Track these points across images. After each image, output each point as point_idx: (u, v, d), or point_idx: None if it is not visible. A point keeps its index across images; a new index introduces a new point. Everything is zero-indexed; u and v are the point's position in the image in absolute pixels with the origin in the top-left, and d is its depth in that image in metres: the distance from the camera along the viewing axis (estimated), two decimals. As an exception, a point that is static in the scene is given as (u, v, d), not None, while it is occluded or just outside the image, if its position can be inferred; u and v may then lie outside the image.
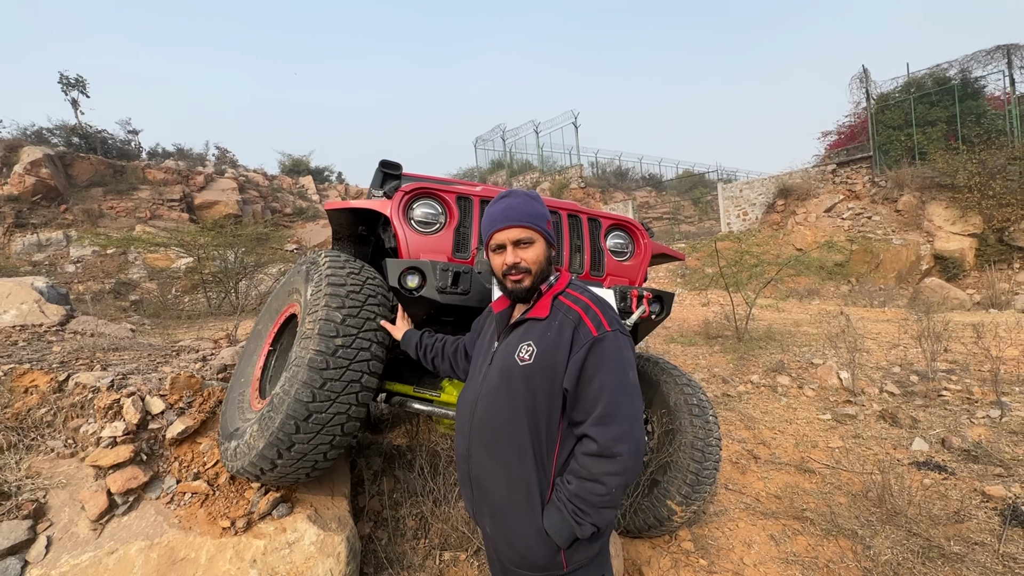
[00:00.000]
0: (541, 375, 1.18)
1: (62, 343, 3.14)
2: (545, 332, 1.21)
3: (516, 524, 1.18)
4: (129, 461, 2.00)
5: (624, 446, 1.10)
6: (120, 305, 7.93)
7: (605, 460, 1.10)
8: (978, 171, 11.34)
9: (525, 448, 1.19)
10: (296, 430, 1.67)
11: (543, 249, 1.28)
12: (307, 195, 19.52)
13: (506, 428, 1.21)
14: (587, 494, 1.10)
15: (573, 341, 1.16)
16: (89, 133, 15.81)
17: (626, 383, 1.15)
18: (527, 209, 1.26)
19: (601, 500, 1.10)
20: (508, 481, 1.20)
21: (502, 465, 1.21)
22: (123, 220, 13.02)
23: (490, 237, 1.30)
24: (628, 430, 1.11)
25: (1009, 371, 4.29)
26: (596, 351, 1.14)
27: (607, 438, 1.10)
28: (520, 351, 1.22)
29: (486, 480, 1.24)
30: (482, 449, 1.25)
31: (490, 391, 1.26)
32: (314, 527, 1.93)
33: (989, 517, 2.51)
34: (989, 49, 12.83)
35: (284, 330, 2.35)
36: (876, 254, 11.92)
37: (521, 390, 1.20)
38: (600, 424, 1.11)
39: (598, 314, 1.19)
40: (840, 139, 16.46)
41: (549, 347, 1.18)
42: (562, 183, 19.91)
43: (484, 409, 1.26)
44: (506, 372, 1.23)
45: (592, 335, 1.15)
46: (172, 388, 2.33)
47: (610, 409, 1.11)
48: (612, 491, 1.10)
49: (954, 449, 3.22)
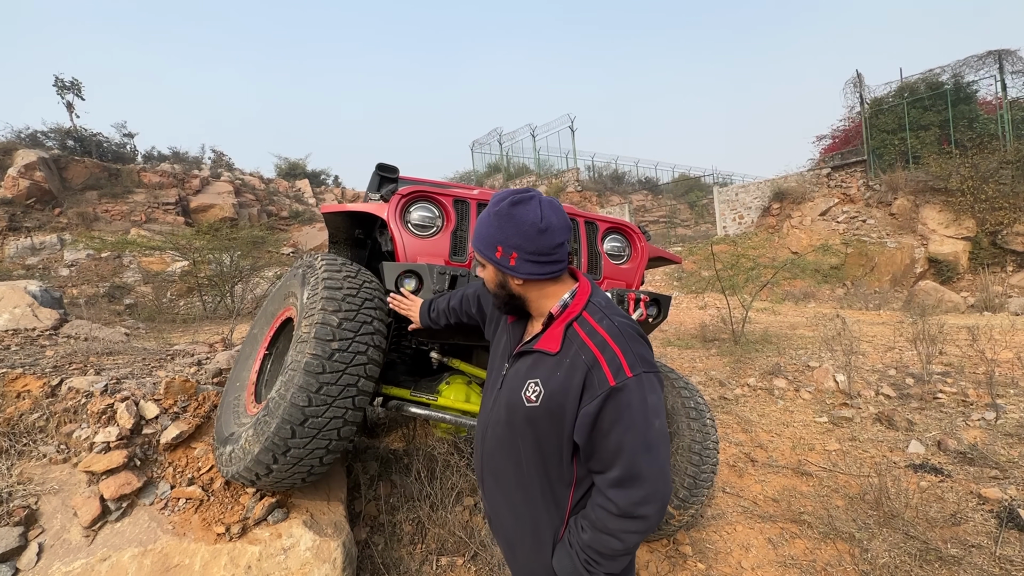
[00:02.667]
0: (548, 420, 1.04)
1: (55, 347, 3.12)
2: (555, 371, 1.04)
3: (524, 557, 1.13)
4: (123, 466, 1.98)
5: (648, 508, 0.96)
6: (114, 309, 7.88)
7: (626, 520, 0.97)
8: (971, 175, 11.45)
9: (531, 489, 1.09)
10: (292, 435, 1.66)
11: (492, 274, 1.14)
12: (303, 198, 19.49)
13: (513, 468, 1.12)
14: (602, 547, 0.99)
15: (585, 387, 0.99)
16: (84, 136, 15.75)
17: (651, 438, 0.97)
18: (480, 231, 1.11)
19: (617, 553, 0.99)
20: (516, 517, 1.14)
21: (509, 501, 1.15)
22: (118, 223, 12.96)
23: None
24: (654, 490, 0.96)
25: (1003, 373, 4.31)
26: (613, 404, 0.96)
27: (628, 503, 0.96)
28: (527, 389, 1.07)
29: (495, 509, 1.20)
30: (492, 479, 1.19)
31: (498, 422, 1.16)
32: (310, 532, 1.91)
33: (985, 519, 2.52)
34: (981, 54, 12.97)
35: (280, 334, 2.34)
36: (871, 257, 11.99)
37: (527, 433, 1.08)
38: (619, 487, 0.97)
39: (617, 354, 0.98)
40: (835, 143, 16.57)
41: (557, 390, 1.02)
42: (558, 187, 19.96)
43: (492, 440, 1.17)
44: (512, 409, 1.11)
45: (608, 384, 0.96)
46: (167, 392, 2.32)
47: (631, 471, 0.96)
48: (630, 547, 0.99)
49: (950, 451, 3.23)
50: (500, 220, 1.06)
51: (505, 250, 1.07)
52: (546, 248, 1.05)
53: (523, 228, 1.04)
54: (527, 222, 1.03)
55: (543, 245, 1.05)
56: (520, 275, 1.08)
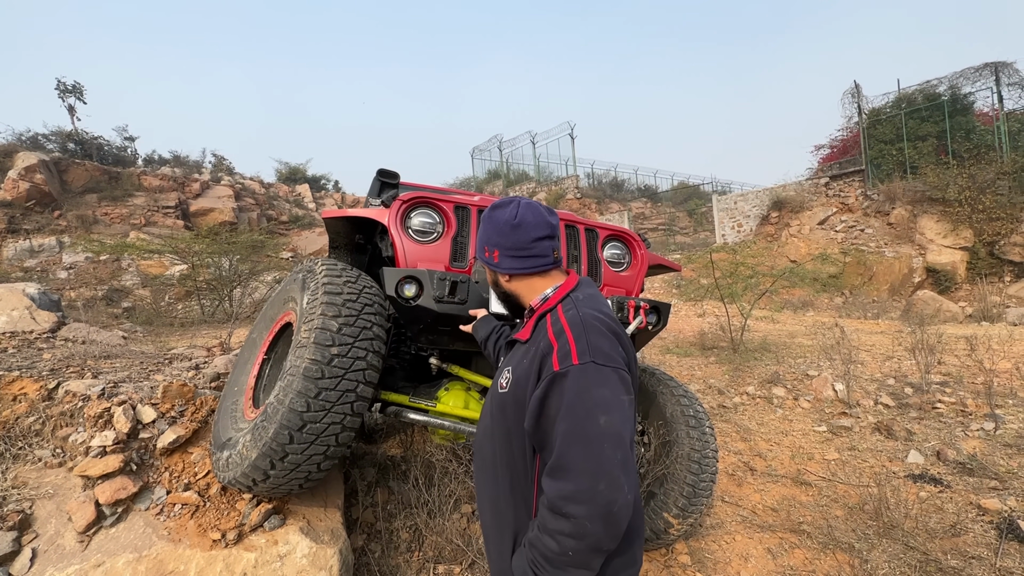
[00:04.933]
0: (513, 406, 1.07)
1: (52, 350, 3.10)
2: (522, 359, 1.09)
3: (496, 556, 1.13)
4: (119, 471, 1.97)
5: (577, 507, 0.88)
6: (112, 312, 7.86)
7: (555, 517, 0.91)
8: (968, 185, 11.50)
9: (501, 483, 1.11)
10: (290, 440, 1.65)
11: (488, 274, 1.24)
12: (303, 203, 19.52)
13: (487, 458, 1.16)
14: (541, 546, 0.93)
15: (539, 374, 1.00)
16: (85, 139, 15.79)
17: (590, 430, 0.91)
18: (480, 236, 1.21)
19: (559, 559, 0.91)
20: (494, 513, 1.14)
21: (488, 495, 1.16)
22: (117, 226, 12.95)
23: None
24: (585, 488, 0.88)
25: (1002, 384, 4.31)
26: (557, 389, 0.95)
27: (555, 494, 0.91)
28: (501, 376, 1.15)
29: (480, 505, 1.21)
30: (478, 473, 1.22)
31: (484, 414, 1.21)
32: (306, 539, 1.90)
33: (985, 531, 2.51)
34: (978, 66, 13.08)
35: (279, 339, 2.34)
36: (869, 266, 12.01)
37: (498, 420, 1.12)
38: (550, 476, 0.94)
39: (569, 342, 0.98)
40: (833, 152, 16.65)
41: (520, 377, 1.06)
42: (558, 194, 20.01)
43: (479, 432, 1.22)
44: (491, 398, 1.17)
45: (553, 369, 0.96)
46: (164, 397, 2.31)
47: (561, 460, 0.92)
48: (568, 553, 0.90)
49: (949, 462, 3.22)
50: (485, 223, 1.19)
51: (489, 249, 1.17)
52: (522, 243, 1.13)
53: (499, 226, 1.15)
54: (502, 220, 1.14)
55: (519, 240, 1.13)
56: (503, 270, 1.17)
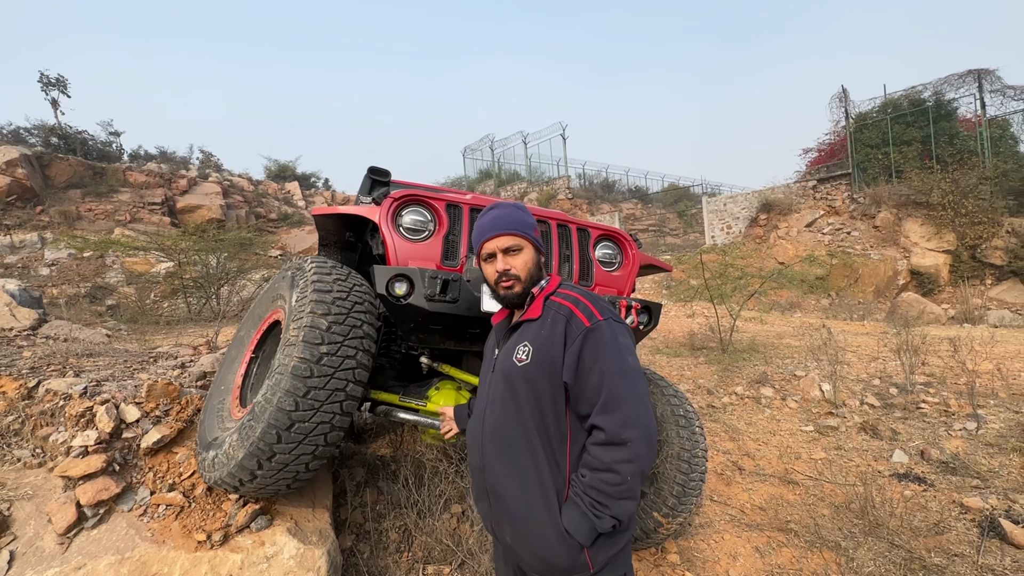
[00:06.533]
0: (539, 372, 1.19)
1: (33, 348, 3.03)
2: (539, 330, 1.22)
3: (535, 528, 1.16)
4: (101, 471, 1.93)
5: (633, 431, 1.08)
6: (96, 310, 7.71)
7: (616, 448, 1.08)
8: (951, 190, 11.71)
9: (536, 448, 1.18)
10: (277, 440, 1.63)
11: (531, 255, 1.31)
12: (293, 201, 19.33)
13: (515, 431, 1.21)
14: (602, 484, 1.08)
15: (567, 334, 1.18)
16: (69, 134, 15.47)
17: (626, 367, 1.13)
18: (514, 218, 1.31)
19: (617, 490, 1.08)
20: (523, 484, 1.19)
21: (516, 469, 1.20)
22: (101, 223, 12.72)
23: (480, 247, 1.34)
24: (634, 414, 1.09)
25: (984, 384, 4.39)
26: (591, 341, 1.15)
27: (614, 425, 1.08)
28: (517, 352, 1.23)
29: (502, 487, 1.23)
30: (495, 456, 1.25)
31: (496, 397, 1.27)
32: (294, 540, 1.87)
33: (968, 528, 2.55)
34: (961, 73, 13.33)
35: (267, 337, 2.31)
36: (855, 269, 12.19)
37: (523, 390, 1.20)
38: (604, 412, 1.10)
39: (588, 306, 1.20)
40: (820, 156, 16.87)
41: (544, 344, 1.19)
42: (550, 194, 20.04)
43: (492, 416, 1.27)
44: (507, 375, 1.25)
45: (584, 326, 1.16)
46: (148, 396, 2.26)
47: (612, 395, 1.10)
48: (627, 479, 1.08)
49: (933, 461, 3.27)
50: (523, 210, 1.35)
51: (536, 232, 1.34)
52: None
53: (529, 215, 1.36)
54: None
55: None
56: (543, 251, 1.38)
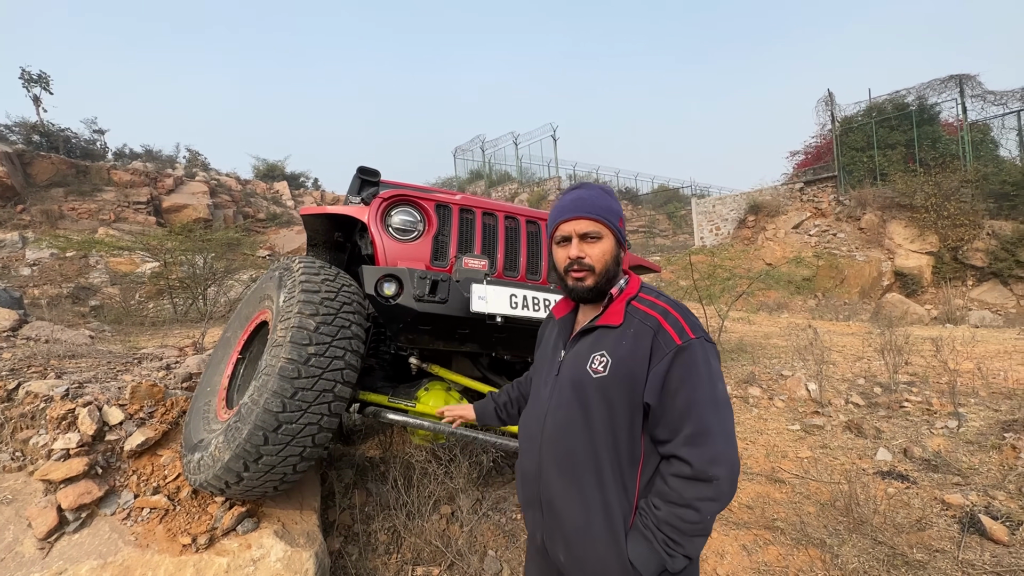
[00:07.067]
0: (617, 388, 1.06)
1: (13, 349, 2.97)
2: (620, 341, 1.09)
3: (596, 554, 1.05)
4: (83, 475, 1.90)
5: (720, 468, 0.98)
6: (79, 311, 7.57)
7: (700, 484, 0.98)
8: (934, 193, 11.95)
9: (604, 469, 1.07)
10: (264, 441, 1.62)
11: (611, 247, 1.16)
12: (281, 201, 19.15)
13: (582, 447, 1.09)
14: (679, 522, 0.98)
15: (653, 350, 1.04)
16: (51, 131, 15.18)
17: (717, 397, 1.02)
18: (599, 202, 1.15)
19: (694, 528, 0.99)
20: (584, 505, 1.07)
21: (578, 487, 1.09)
22: (85, 222, 12.50)
23: (555, 228, 1.19)
24: (723, 450, 0.99)
25: (965, 383, 4.48)
26: (680, 361, 1.02)
27: (700, 460, 0.98)
28: (592, 361, 1.10)
29: (560, 503, 1.11)
30: (554, 469, 1.13)
31: (560, 405, 1.14)
32: (281, 543, 1.86)
33: (949, 525, 2.60)
34: (943, 78, 13.60)
35: (254, 338, 2.29)
36: (841, 270, 12.38)
37: (597, 404, 1.08)
38: (691, 445, 0.99)
39: (679, 319, 1.07)
40: (807, 159, 17.11)
41: (625, 357, 1.06)
42: (540, 195, 20.08)
43: (555, 425, 1.14)
44: (578, 385, 1.11)
45: (675, 343, 1.03)
46: (132, 397, 2.23)
47: (701, 427, 0.99)
48: (706, 518, 0.98)
49: (915, 459, 3.33)
50: (611, 195, 1.20)
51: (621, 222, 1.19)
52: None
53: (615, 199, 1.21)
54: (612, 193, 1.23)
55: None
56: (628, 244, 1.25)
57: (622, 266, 1.19)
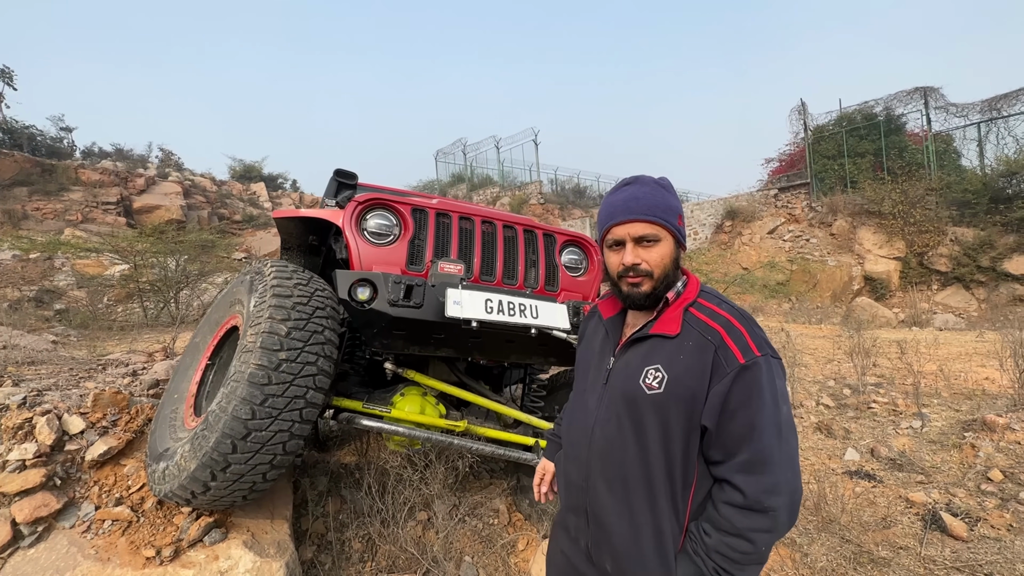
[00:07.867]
0: (674, 407, 0.98)
1: (-32, 356, 2.85)
2: (677, 355, 0.99)
3: (644, 573, 1.00)
4: (40, 486, 1.83)
5: (778, 499, 0.90)
6: (42, 315, 7.28)
7: (755, 515, 0.91)
8: (901, 200, 12.40)
9: (656, 490, 0.99)
10: (233, 449, 1.58)
11: (671, 249, 1.04)
12: (259, 202, 18.81)
13: (633, 464, 1.01)
14: (730, 552, 0.92)
15: (714, 369, 0.95)
16: (14, 128, 14.66)
17: (781, 421, 0.94)
18: (656, 200, 1.02)
19: (747, 558, 0.92)
20: (633, 525, 1.01)
21: (628, 506, 1.02)
22: (50, 223, 12.06)
23: (607, 231, 1.07)
24: (784, 479, 0.91)
25: (928, 384, 4.64)
26: (743, 381, 0.93)
27: (756, 490, 0.90)
28: (646, 376, 1.01)
29: (608, 518, 1.05)
30: (603, 484, 1.06)
31: (610, 418, 1.06)
32: (250, 553, 1.81)
33: (912, 522, 2.69)
34: (909, 90, 14.14)
35: (224, 343, 2.23)
36: (813, 274, 12.72)
37: (651, 424, 1.00)
38: (747, 472, 0.92)
39: (743, 334, 0.97)
40: (781, 166, 17.55)
41: (682, 375, 0.97)
42: (522, 199, 20.13)
43: (605, 439, 1.06)
44: (630, 400, 1.02)
45: (738, 362, 0.94)
46: (95, 405, 2.16)
47: (761, 454, 0.91)
48: (761, 549, 0.92)
49: (882, 458, 3.43)
50: (669, 189, 1.06)
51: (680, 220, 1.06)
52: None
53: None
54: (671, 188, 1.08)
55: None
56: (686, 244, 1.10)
57: (681, 268, 1.09)
